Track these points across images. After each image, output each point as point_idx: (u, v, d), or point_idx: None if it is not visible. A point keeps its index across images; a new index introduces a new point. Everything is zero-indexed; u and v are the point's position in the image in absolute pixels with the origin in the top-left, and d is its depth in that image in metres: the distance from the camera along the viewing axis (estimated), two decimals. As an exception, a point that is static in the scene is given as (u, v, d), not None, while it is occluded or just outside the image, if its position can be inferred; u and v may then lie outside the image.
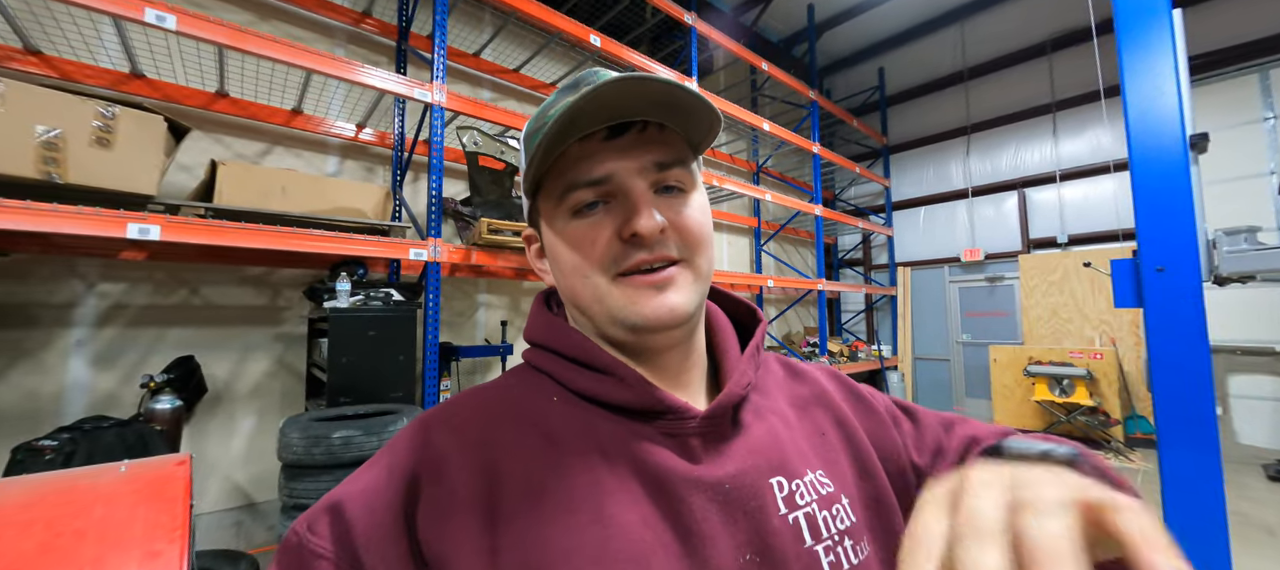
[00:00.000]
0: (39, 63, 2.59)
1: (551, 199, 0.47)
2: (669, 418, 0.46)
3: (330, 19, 3.56)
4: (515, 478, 0.42)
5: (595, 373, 0.47)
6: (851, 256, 8.41)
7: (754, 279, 5.70)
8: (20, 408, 2.53)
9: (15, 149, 1.87)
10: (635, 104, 0.44)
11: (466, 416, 0.46)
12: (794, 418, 0.53)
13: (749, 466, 0.46)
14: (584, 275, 0.46)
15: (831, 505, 0.47)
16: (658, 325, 0.45)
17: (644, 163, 0.45)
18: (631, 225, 0.44)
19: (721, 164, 6.66)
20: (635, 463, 0.44)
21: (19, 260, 2.56)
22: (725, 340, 0.54)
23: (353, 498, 0.41)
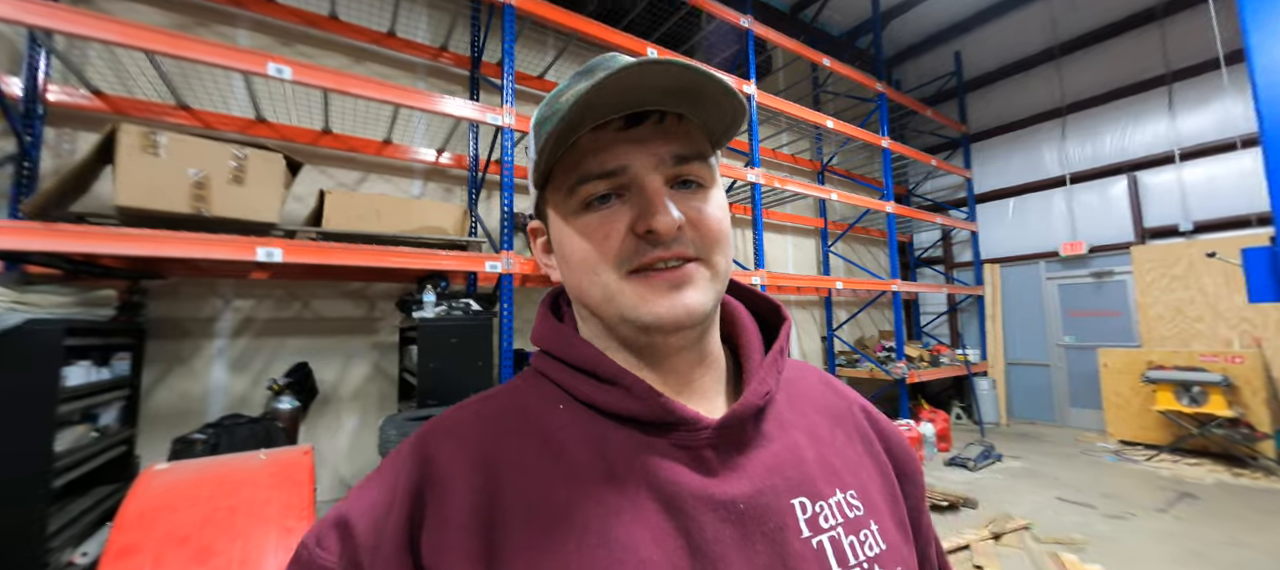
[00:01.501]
0: (188, 116, 3.09)
1: (562, 190, 0.45)
2: (680, 429, 0.43)
3: (413, 56, 3.92)
4: (518, 497, 0.41)
5: (602, 383, 0.45)
6: (930, 255, 7.88)
7: (822, 281, 5.50)
8: (176, 406, 3.00)
9: (173, 189, 2.24)
10: (653, 92, 0.41)
11: (471, 429, 0.44)
12: (826, 430, 0.50)
13: (768, 485, 0.43)
14: (593, 272, 0.43)
15: (860, 530, 0.44)
16: (672, 326, 0.43)
17: (661, 155, 0.43)
18: (648, 221, 0.41)
19: (784, 165, 6.52)
20: (645, 478, 0.41)
21: (172, 282, 3.04)
22: (748, 341, 0.51)
23: (359, 516, 0.41)
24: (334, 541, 0.40)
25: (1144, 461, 4.65)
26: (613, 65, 0.41)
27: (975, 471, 4.50)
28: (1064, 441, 5.55)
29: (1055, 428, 6.24)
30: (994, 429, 6.25)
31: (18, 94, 2.64)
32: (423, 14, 3.98)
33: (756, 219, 4.45)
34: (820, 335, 6.60)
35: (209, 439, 2.51)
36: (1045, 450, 5.21)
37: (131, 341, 2.75)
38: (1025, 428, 6.32)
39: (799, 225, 6.57)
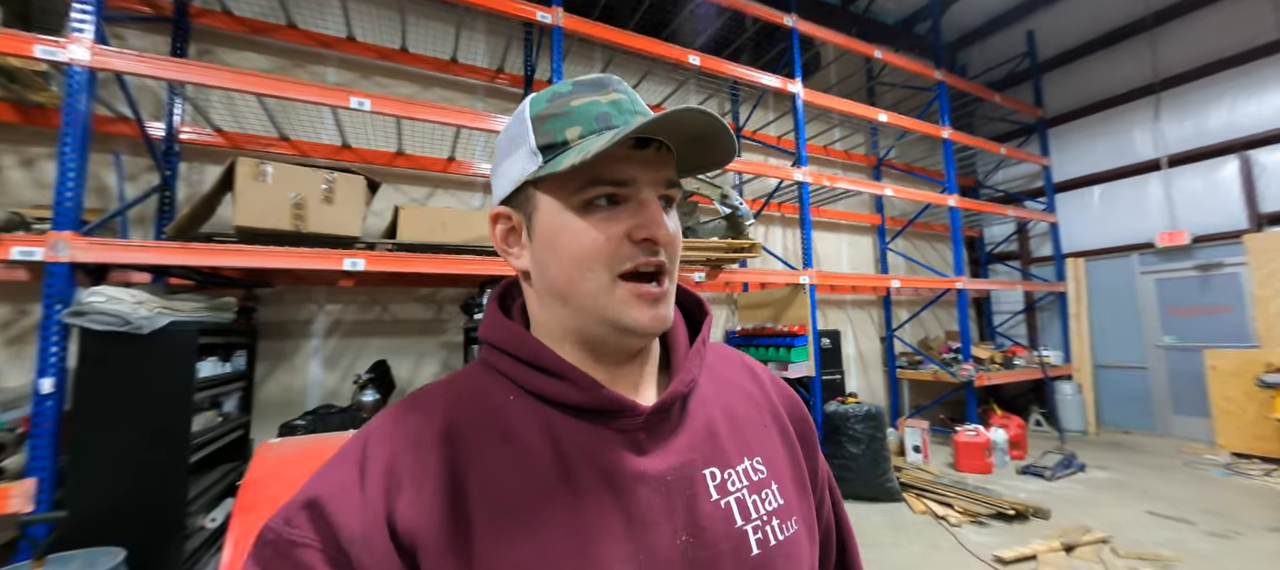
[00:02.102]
0: (288, 146, 3.56)
1: (566, 188, 0.48)
2: (619, 416, 0.49)
3: (473, 79, 4.26)
4: (479, 473, 0.45)
5: (550, 376, 0.50)
6: (1004, 250, 7.36)
7: (878, 280, 5.33)
8: (281, 397, 3.46)
9: (277, 210, 2.63)
10: (685, 128, 0.47)
11: (436, 408, 0.49)
12: (741, 407, 0.58)
13: (687, 459, 0.50)
14: (588, 268, 0.48)
15: (762, 490, 0.52)
16: (646, 333, 0.49)
17: (659, 177, 0.49)
18: (650, 230, 0.47)
19: (836, 161, 6.36)
20: (588, 460, 0.47)
21: (278, 290, 3.51)
22: (676, 333, 0.57)
23: (331, 496, 0.43)
24: (304, 521, 0.42)
25: (1260, 477, 4.13)
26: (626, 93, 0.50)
27: (1052, 481, 4.19)
28: (1163, 452, 5.01)
29: (1154, 437, 5.64)
30: (1079, 438, 5.75)
31: (160, 135, 3.18)
32: (481, 39, 4.31)
33: (804, 218, 4.41)
34: (878, 336, 6.37)
35: (308, 425, 2.90)
36: (1139, 461, 4.74)
37: (247, 341, 3.22)
38: (1117, 437, 5.76)
39: (854, 223, 6.38)
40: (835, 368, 4.69)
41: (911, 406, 6.22)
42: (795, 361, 4.08)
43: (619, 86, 0.50)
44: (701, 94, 5.28)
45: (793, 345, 4.12)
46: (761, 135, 5.70)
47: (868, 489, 3.80)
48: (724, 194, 3.27)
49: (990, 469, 4.46)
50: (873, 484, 3.80)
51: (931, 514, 3.50)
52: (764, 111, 5.79)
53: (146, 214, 3.17)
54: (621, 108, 0.48)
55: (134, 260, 2.41)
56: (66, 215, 2.21)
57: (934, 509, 3.54)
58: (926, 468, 4.46)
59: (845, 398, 4.30)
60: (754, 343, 4.59)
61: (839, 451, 3.92)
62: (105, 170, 3.06)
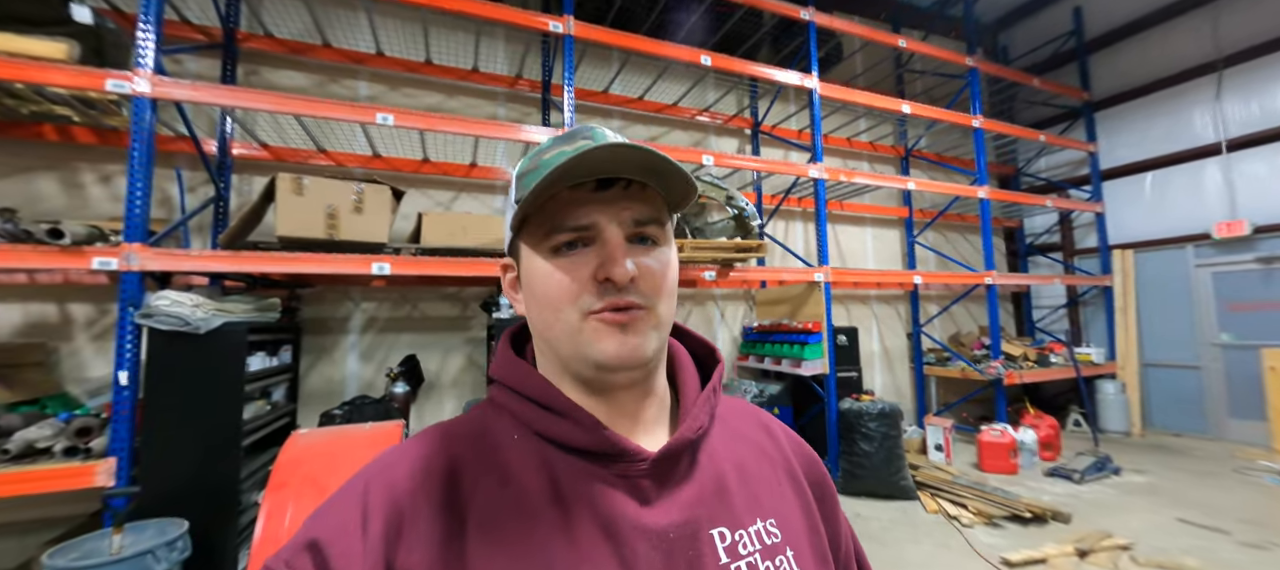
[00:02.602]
0: (325, 157, 3.86)
1: (536, 236, 0.50)
2: (622, 461, 0.48)
3: (494, 86, 4.46)
4: (476, 518, 0.45)
5: (554, 415, 0.49)
6: (1046, 241, 7.02)
7: (900, 277, 5.24)
8: (322, 389, 3.78)
9: (314, 220, 2.89)
10: (624, 165, 0.48)
11: (436, 451, 0.49)
12: (753, 464, 0.55)
13: (692, 516, 0.48)
14: (557, 310, 0.48)
15: (775, 556, 0.48)
16: (619, 365, 0.48)
17: (624, 216, 0.49)
18: (607, 270, 0.47)
19: (861, 153, 6.24)
20: (587, 505, 0.46)
21: (318, 290, 3.83)
22: (686, 379, 0.57)
23: (331, 537, 0.43)
24: (305, 562, 0.42)
25: (1319, 486, 3.85)
26: (593, 137, 0.50)
27: (1080, 484, 4.05)
28: (1213, 457, 4.73)
29: (1205, 441, 5.31)
30: (1122, 440, 5.48)
31: (214, 151, 3.52)
32: (500, 47, 4.49)
33: (820, 215, 4.39)
34: (905, 332, 6.24)
35: (345, 414, 3.19)
36: (1183, 466, 4.50)
37: (292, 337, 3.55)
38: (1164, 439, 5.45)
39: (880, 216, 6.25)
40: (852, 365, 4.66)
41: (939, 404, 6.08)
42: (809, 359, 4.10)
43: (588, 133, 0.51)
44: (719, 90, 5.30)
45: (806, 343, 4.13)
46: (781, 130, 5.67)
47: (881, 487, 3.80)
48: (729, 196, 3.33)
49: (1015, 470, 4.35)
50: (886, 482, 3.80)
51: (944, 514, 3.48)
52: (785, 105, 5.74)
53: (205, 221, 3.53)
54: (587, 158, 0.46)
55: (193, 268, 2.72)
56: (136, 228, 2.53)
57: (947, 509, 3.52)
58: (945, 467, 4.39)
59: (860, 394, 4.28)
60: (770, 339, 4.63)
61: (852, 449, 3.93)
62: (169, 183, 3.42)
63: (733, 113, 5.48)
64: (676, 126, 5.31)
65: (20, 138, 3.17)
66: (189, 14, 3.53)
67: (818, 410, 4.27)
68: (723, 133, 5.57)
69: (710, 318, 5.19)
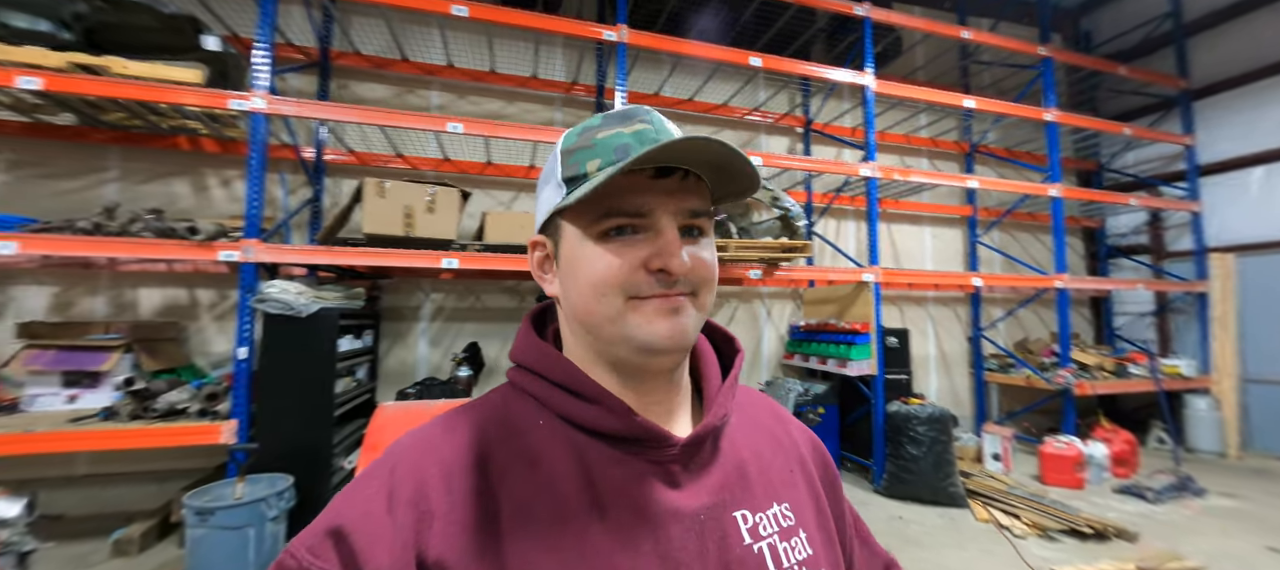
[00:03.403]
0: (402, 161, 4.26)
1: (586, 217, 0.49)
2: (652, 445, 0.48)
3: (551, 92, 4.73)
4: (508, 504, 0.44)
5: (583, 400, 0.49)
6: (1132, 242, 6.46)
7: (961, 278, 5.04)
8: (397, 370, 4.20)
9: (393, 219, 3.24)
10: (696, 159, 0.47)
11: (461, 439, 0.48)
12: (768, 451, 0.57)
13: (719, 499, 0.49)
14: (603, 294, 0.48)
15: (791, 537, 0.51)
16: (668, 347, 0.48)
17: (681, 207, 0.48)
18: (663, 261, 0.47)
19: (921, 150, 6.02)
20: (621, 491, 0.46)
21: (395, 281, 4.25)
22: (708, 368, 0.58)
23: (355, 523, 0.42)
24: (328, 549, 0.42)
25: None
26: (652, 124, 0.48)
27: (1154, 504, 3.78)
28: (1325, 486, 4.24)
29: (1319, 468, 4.75)
30: (1214, 461, 5.01)
31: (311, 157, 3.99)
32: (558, 54, 4.74)
33: (871, 214, 4.33)
34: (965, 336, 5.98)
35: (417, 393, 3.56)
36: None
37: (373, 323, 3.97)
38: (1267, 463, 4.93)
39: (940, 214, 6.01)
40: (902, 367, 4.56)
41: (1001, 413, 5.79)
42: (855, 359, 4.08)
43: (645, 116, 0.49)
44: (770, 89, 5.31)
45: (853, 343, 4.11)
46: (834, 127, 5.58)
47: (928, 492, 3.74)
48: (775, 197, 3.39)
49: (1081, 485, 4.12)
50: (934, 487, 3.73)
51: (995, 523, 3.39)
52: (839, 102, 5.65)
53: (302, 219, 4.01)
54: (643, 138, 0.47)
55: (295, 260, 3.14)
56: (252, 226, 2.96)
57: (998, 518, 3.42)
58: (1001, 477, 4.22)
59: (910, 398, 4.20)
60: (816, 338, 4.62)
61: (898, 452, 3.88)
62: (274, 186, 3.93)
63: (784, 111, 5.47)
64: (726, 126, 5.37)
65: (161, 148, 3.75)
66: (292, 36, 4.01)
67: (864, 411, 4.23)
68: (773, 132, 5.57)
69: (756, 315, 5.24)
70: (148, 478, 3.54)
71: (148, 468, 3.54)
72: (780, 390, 4.23)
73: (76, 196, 3.58)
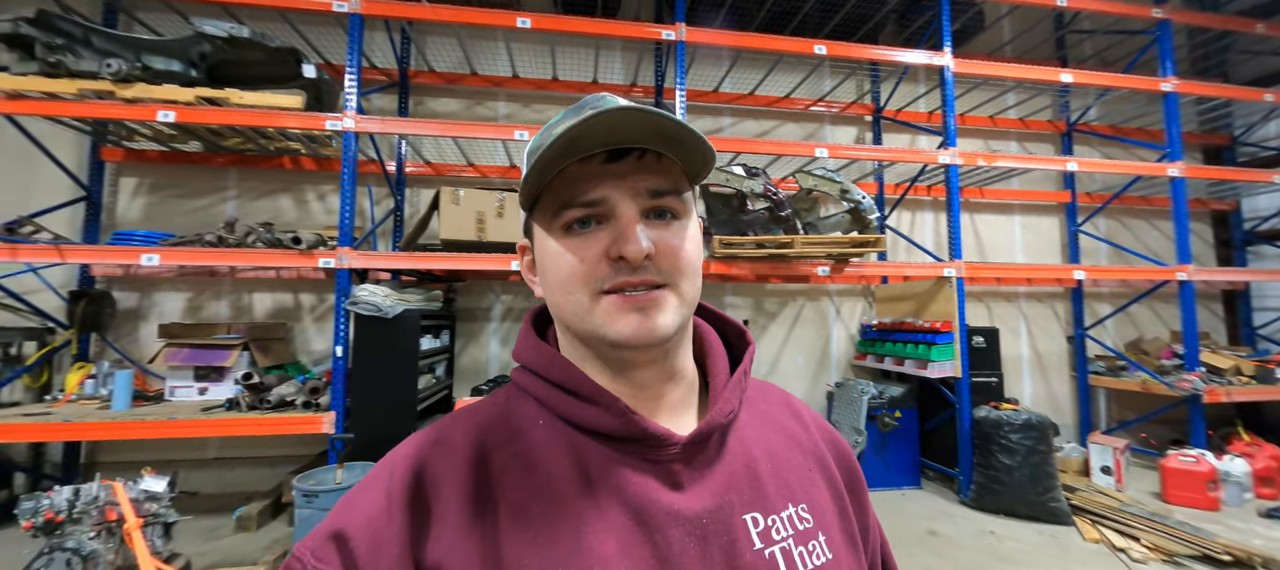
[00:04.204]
0: (473, 170, 4.49)
1: (547, 214, 0.48)
2: (651, 445, 0.47)
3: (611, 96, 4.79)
4: (506, 506, 0.44)
5: (580, 400, 0.48)
6: (1274, 226, 5.55)
7: (1059, 271, 4.55)
8: (471, 368, 4.44)
9: (466, 224, 3.42)
10: (634, 132, 0.45)
11: (461, 438, 0.48)
12: (783, 448, 0.53)
13: (725, 501, 0.46)
14: (568, 291, 0.47)
15: (809, 541, 0.47)
16: (636, 344, 0.46)
17: (638, 188, 0.46)
18: (619, 248, 0.45)
19: (1009, 132, 5.51)
20: (617, 491, 0.45)
21: (468, 284, 4.49)
22: (715, 362, 0.55)
23: (356, 528, 0.43)
24: (331, 553, 0.42)
25: None
26: (600, 106, 0.45)
27: (1316, 532, 3.22)
28: None
29: None
30: (1396, 483, 4.18)
31: (393, 170, 4.30)
32: (617, 58, 4.80)
33: (952, 204, 4.02)
34: (1065, 335, 5.40)
35: (488, 390, 3.74)
36: None
37: (449, 323, 4.22)
38: None
39: (1032, 202, 5.47)
40: (991, 369, 4.19)
41: (1110, 421, 5.18)
42: (936, 361, 3.80)
43: (594, 103, 0.47)
44: (835, 77, 5.07)
45: (934, 343, 3.84)
46: (908, 114, 5.24)
47: (1023, 506, 3.41)
48: (844, 189, 3.23)
49: (1215, 505, 3.59)
50: (1030, 502, 3.40)
51: (1107, 543, 3.03)
52: (913, 86, 5.29)
53: (386, 228, 4.34)
54: (589, 127, 0.43)
55: (382, 265, 3.40)
56: (345, 235, 3.24)
57: (1111, 538, 3.05)
58: (1113, 493, 3.77)
59: (1001, 403, 3.86)
60: (891, 338, 4.36)
61: (989, 461, 3.58)
62: (362, 198, 4.27)
63: (851, 99, 5.21)
64: (788, 119, 5.20)
65: (269, 168, 4.19)
66: (375, 59, 4.34)
67: (947, 417, 3.94)
68: (839, 122, 5.31)
69: (824, 313, 5.02)
70: (262, 462, 3.97)
71: (263, 453, 3.97)
72: (851, 392, 4.03)
73: (203, 213, 4.09)
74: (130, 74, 3.05)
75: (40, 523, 2.04)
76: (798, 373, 4.88)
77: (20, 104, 2.99)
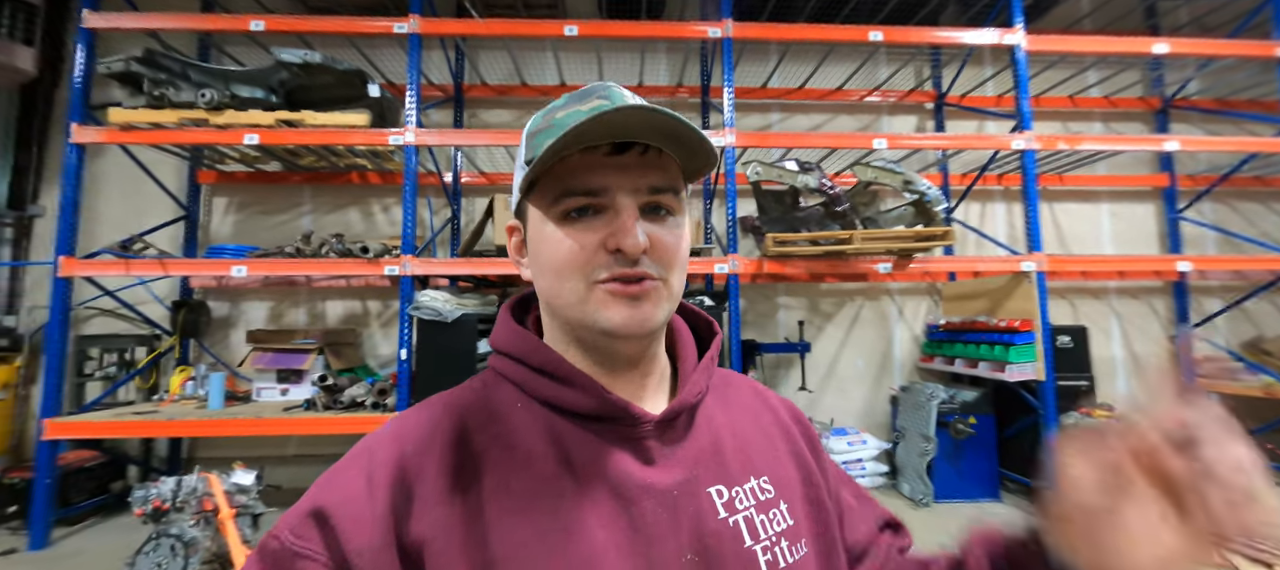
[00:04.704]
0: (524, 177, 4.60)
1: (546, 199, 0.49)
2: (626, 423, 0.49)
3: (657, 98, 4.77)
4: (487, 483, 0.45)
5: (557, 382, 0.50)
6: None
7: (1158, 263, 4.12)
8: (525, 371, 4.53)
9: (520, 230, 3.51)
10: (641, 129, 0.46)
11: (442, 419, 0.49)
12: (748, 427, 0.57)
13: (693, 475, 0.49)
14: (563, 277, 0.48)
15: (769, 510, 0.51)
16: (627, 333, 0.48)
17: (639, 183, 0.48)
18: (618, 240, 0.46)
19: (1092, 112, 5.04)
20: (595, 467, 0.47)
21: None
22: (684, 349, 0.58)
23: (336, 507, 0.43)
24: (311, 532, 0.43)
25: None
26: (610, 96, 0.47)
27: None
28: None
29: None
30: None
31: (449, 181, 4.49)
32: (662, 59, 4.79)
33: (1029, 193, 3.71)
34: (1167, 334, 4.84)
35: (542, 393, 3.78)
36: None
37: (503, 327, 4.32)
38: None
39: (1121, 187, 4.97)
40: (1080, 372, 3.82)
41: (1226, 430, 4.57)
42: (1016, 362, 3.50)
43: (603, 93, 0.48)
44: (893, 64, 4.83)
45: (1012, 343, 3.54)
46: (974, 98, 4.91)
47: (1124, 523, 3.07)
48: (907, 180, 3.04)
49: None
50: (1132, 518, 3.05)
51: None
52: (978, 68, 4.95)
53: (444, 237, 4.52)
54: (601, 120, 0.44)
55: (441, 272, 3.54)
56: (407, 244, 3.40)
57: (1238, 564, 2.67)
58: (1236, 512, 3.32)
59: (1093, 409, 3.50)
60: (961, 338, 4.07)
61: (1079, 472, 3.24)
62: (423, 209, 4.48)
63: (910, 87, 4.94)
64: (841, 111, 5.00)
65: (339, 184, 4.48)
66: (432, 77, 4.56)
67: (1029, 423, 3.62)
68: (897, 112, 5.05)
69: (884, 314, 4.76)
70: (336, 459, 4.21)
71: (336, 450, 4.14)
72: (919, 396, 3.79)
73: (283, 228, 4.42)
74: (221, 102, 3.35)
75: (149, 510, 2.25)
76: (857, 377, 4.65)
77: (131, 134, 3.35)
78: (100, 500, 3.62)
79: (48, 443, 3.15)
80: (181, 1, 4.10)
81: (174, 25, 3.55)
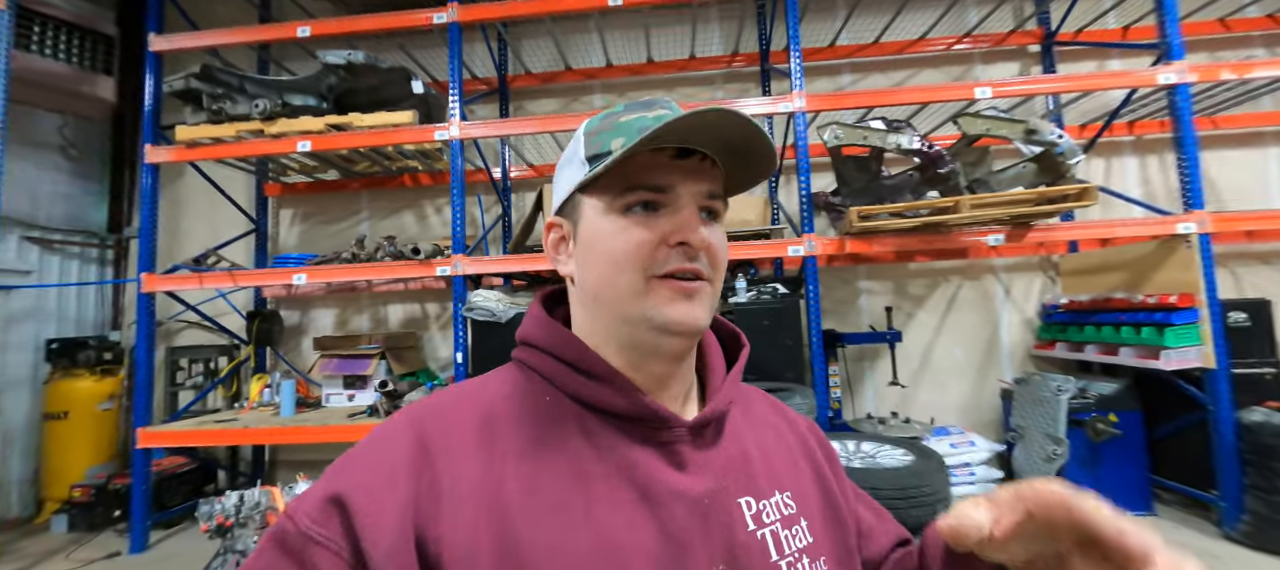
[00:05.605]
0: (573, 167, 4.39)
1: (609, 193, 0.49)
2: (657, 426, 0.48)
3: (710, 70, 4.42)
4: (513, 478, 0.44)
5: (592, 379, 0.49)
6: None
7: (1361, 213, 3.22)
8: (584, 370, 4.33)
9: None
10: (711, 141, 0.48)
11: (468, 410, 0.48)
12: (771, 442, 0.58)
13: (723, 484, 0.49)
14: (622, 270, 0.48)
15: (792, 525, 0.51)
16: (681, 330, 0.48)
17: (699, 187, 0.50)
18: (684, 234, 0.48)
19: (1252, 37, 4.10)
20: (625, 468, 0.46)
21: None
22: (713, 359, 0.58)
23: (354, 494, 0.41)
24: (329, 518, 0.41)
25: None
26: (672, 111, 0.48)
27: None
28: None
29: None
30: None
31: (498, 177, 4.35)
32: (715, 27, 4.39)
33: (1185, 138, 3.00)
34: (1368, 303, 3.86)
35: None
36: None
37: (559, 326, 4.14)
38: None
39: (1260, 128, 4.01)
40: (1261, 357, 3.06)
41: None
42: (1173, 346, 2.84)
43: (666, 105, 0.51)
44: (986, 5, 4.15)
45: (1168, 323, 2.88)
46: (1091, 33, 4.12)
47: (1346, 551, 2.38)
48: (1030, 129, 2.48)
49: None
50: (1360, 545, 2.36)
51: None
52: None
53: (495, 234, 4.40)
54: (686, 122, 0.45)
55: (493, 270, 3.38)
56: (458, 243, 3.26)
57: None
58: None
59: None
60: (1092, 319, 3.41)
61: (1271, 483, 2.57)
62: (473, 207, 4.37)
63: (1009, 28, 4.23)
64: (924, 65, 4.38)
65: (392, 188, 4.47)
66: (476, 70, 4.43)
67: (1194, 421, 2.94)
68: (992, 59, 4.36)
69: (988, 294, 4.12)
70: (402, 464, 4.22)
71: (402, 455, 4.21)
72: (1041, 390, 3.19)
73: (343, 235, 4.47)
74: (274, 112, 3.35)
75: (213, 526, 2.21)
76: (956, 369, 4.06)
77: (196, 151, 3.43)
78: (193, 504, 3.79)
79: (142, 450, 3.29)
80: (240, 16, 4.20)
81: (229, 40, 3.60)
